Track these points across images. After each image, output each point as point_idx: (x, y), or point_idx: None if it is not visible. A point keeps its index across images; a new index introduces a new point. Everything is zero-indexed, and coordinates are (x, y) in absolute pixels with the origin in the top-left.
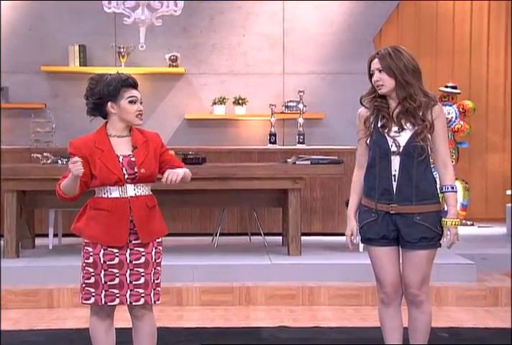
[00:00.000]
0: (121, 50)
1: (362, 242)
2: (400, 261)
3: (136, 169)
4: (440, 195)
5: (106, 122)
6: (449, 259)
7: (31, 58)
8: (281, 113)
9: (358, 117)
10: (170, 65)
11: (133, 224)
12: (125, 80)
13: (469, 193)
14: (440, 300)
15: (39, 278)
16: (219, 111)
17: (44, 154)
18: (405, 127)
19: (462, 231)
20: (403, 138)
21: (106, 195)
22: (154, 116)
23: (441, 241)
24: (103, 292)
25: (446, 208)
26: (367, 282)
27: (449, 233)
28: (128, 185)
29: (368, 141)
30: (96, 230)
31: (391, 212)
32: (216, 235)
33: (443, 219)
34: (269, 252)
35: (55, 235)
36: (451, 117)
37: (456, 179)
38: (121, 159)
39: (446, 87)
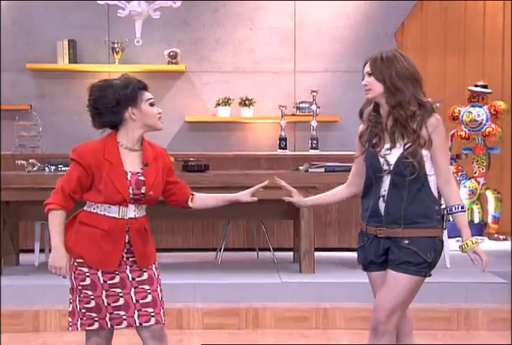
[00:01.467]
0: (115, 46)
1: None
2: None
3: (144, 190)
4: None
5: (117, 131)
6: (479, 277)
7: (15, 55)
8: (292, 115)
9: (358, 133)
10: (169, 62)
11: (129, 245)
12: (139, 81)
13: (502, 204)
14: (469, 324)
15: (23, 298)
16: (223, 113)
17: (30, 160)
18: (397, 144)
19: (494, 246)
20: (394, 155)
21: (102, 213)
22: None
23: (475, 262)
24: (108, 315)
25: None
26: None
27: (476, 255)
28: (130, 206)
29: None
30: (87, 249)
31: (379, 235)
32: (220, 250)
33: (460, 245)
34: (279, 270)
35: (42, 250)
36: (481, 119)
37: (488, 188)
38: (129, 177)
39: (476, 86)
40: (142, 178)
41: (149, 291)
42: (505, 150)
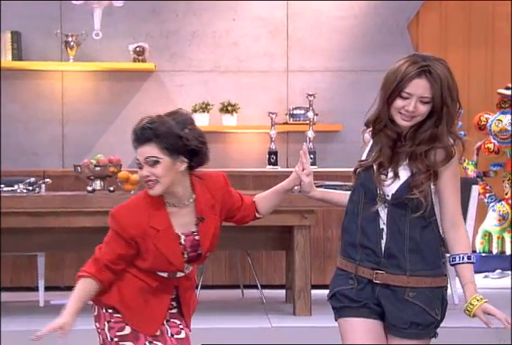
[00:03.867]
0: (69, 39)
1: (335, 319)
2: None
3: (200, 251)
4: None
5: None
6: None
7: None
8: (284, 124)
9: (363, 140)
10: (134, 60)
11: (175, 301)
12: (139, 133)
13: None
14: None
15: None
16: (201, 122)
17: None
18: (400, 170)
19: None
20: (395, 185)
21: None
22: (114, 127)
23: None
24: None
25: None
26: None
27: (487, 316)
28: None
29: (353, 180)
30: (128, 307)
31: (375, 281)
32: (197, 288)
33: (465, 308)
34: (268, 311)
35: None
36: None
37: None
38: (182, 241)
39: (508, 89)
40: (197, 238)
41: None
42: None
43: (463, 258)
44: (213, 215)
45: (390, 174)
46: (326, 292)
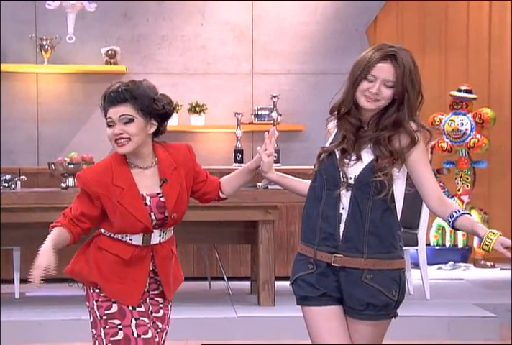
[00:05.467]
0: (44, 43)
1: (297, 304)
2: None
3: (167, 214)
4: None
5: None
6: (464, 310)
7: None
8: (250, 123)
9: (327, 129)
10: (107, 62)
11: (153, 273)
12: (105, 96)
13: (489, 226)
14: None
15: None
16: (170, 122)
17: None
18: (364, 156)
19: (481, 274)
20: (357, 168)
21: (124, 239)
22: (87, 126)
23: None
24: None
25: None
26: None
27: (506, 249)
28: (155, 231)
29: (316, 166)
30: (104, 279)
31: (333, 264)
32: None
33: (483, 242)
34: (234, 302)
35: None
36: (466, 129)
37: (473, 208)
38: (148, 201)
39: (459, 91)
40: (163, 199)
41: (158, 330)
42: (493, 164)
43: (457, 212)
44: (176, 177)
45: (353, 157)
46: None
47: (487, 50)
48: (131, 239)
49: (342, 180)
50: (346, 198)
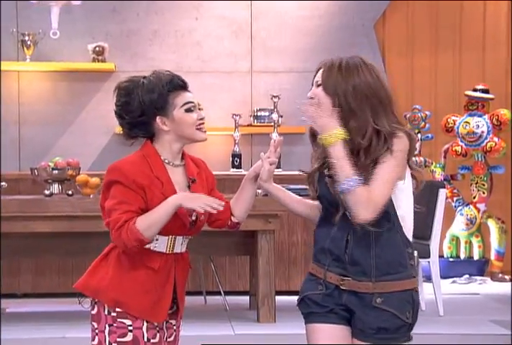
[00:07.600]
0: (26, 39)
1: (305, 323)
2: None
3: (194, 217)
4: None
5: (151, 142)
6: (480, 327)
7: None
8: (248, 126)
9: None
10: (94, 60)
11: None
12: (171, 80)
13: (507, 236)
14: None
15: None
16: None
17: None
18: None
19: (498, 288)
20: None
21: (148, 246)
22: (73, 129)
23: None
24: None
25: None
26: None
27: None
28: (178, 238)
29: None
30: (130, 294)
31: (342, 288)
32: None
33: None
34: (231, 318)
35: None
36: (482, 132)
37: (490, 217)
38: None
39: (475, 90)
40: None
41: None
42: (511, 170)
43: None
44: (200, 180)
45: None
46: (291, 298)
47: (506, 47)
48: (155, 246)
49: (341, 202)
50: (348, 220)
